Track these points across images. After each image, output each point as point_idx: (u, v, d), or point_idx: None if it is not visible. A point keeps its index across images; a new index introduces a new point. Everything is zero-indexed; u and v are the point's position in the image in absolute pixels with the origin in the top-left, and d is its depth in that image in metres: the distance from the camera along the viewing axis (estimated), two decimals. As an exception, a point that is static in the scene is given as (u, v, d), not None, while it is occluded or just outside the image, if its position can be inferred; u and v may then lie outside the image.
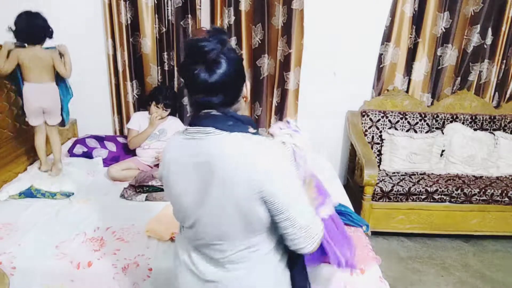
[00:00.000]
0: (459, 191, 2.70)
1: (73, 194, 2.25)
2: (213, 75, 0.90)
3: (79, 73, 3.03)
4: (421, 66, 3.07)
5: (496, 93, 3.18)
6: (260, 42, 2.97)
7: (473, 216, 2.75)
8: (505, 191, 2.71)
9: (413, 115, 3.06)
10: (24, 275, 1.68)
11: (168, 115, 2.76)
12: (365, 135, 3.06)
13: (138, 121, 2.72)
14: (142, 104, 3.06)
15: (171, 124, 2.77)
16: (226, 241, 0.99)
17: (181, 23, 2.93)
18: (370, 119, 3.07)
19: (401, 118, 3.06)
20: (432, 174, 2.93)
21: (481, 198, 2.72)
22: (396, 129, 3.05)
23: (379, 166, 2.98)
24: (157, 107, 2.65)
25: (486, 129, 3.07)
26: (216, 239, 0.99)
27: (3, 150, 2.33)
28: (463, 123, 3.06)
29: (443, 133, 3.03)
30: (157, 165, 2.67)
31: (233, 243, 0.99)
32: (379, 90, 3.18)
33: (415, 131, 3.05)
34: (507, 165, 2.95)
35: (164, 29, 2.91)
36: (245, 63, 3.04)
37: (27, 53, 2.22)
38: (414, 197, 2.71)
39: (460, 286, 2.42)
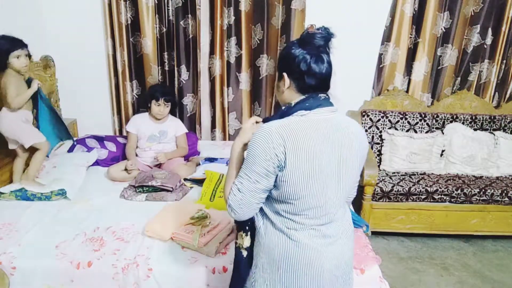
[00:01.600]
0: (459, 191, 2.70)
1: (65, 191, 2.24)
2: (331, 63, 1.12)
3: (79, 73, 3.05)
4: (421, 66, 3.07)
5: (496, 93, 3.18)
6: (259, 42, 2.98)
7: (473, 216, 2.75)
8: (505, 191, 2.71)
9: (413, 115, 3.06)
10: (24, 275, 1.68)
11: (169, 113, 2.75)
12: (365, 135, 3.06)
13: (136, 124, 2.69)
14: (142, 104, 3.07)
15: (171, 124, 2.76)
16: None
17: (181, 23, 2.93)
18: (370, 119, 3.07)
19: (401, 118, 3.06)
20: (432, 174, 2.93)
21: (481, 198, 2.71)
22: (396, 129, 3.05)
23: (379, 166, 2.98)
24: (158, 104, 2.64)
25: (486, 129, 3.07)
26: (344, 199, 1.20)
27: (3, 150, 2.33)
28: (463, 123, 3.06)
29: (443, 133, 3.03)
30: (157, 165, 2.67)
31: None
32: (379, 90, 3.18)
33: (415, 131, 3.05)
34: (507, 165, 2.95)
35: (165, 29, 2.91)
36: (244, 63, 3.05)
37: None
38: (414, 197, 2.71)
39: (460, 286, 2.42)
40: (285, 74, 1.12)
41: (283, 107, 1.15)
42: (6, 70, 2.15)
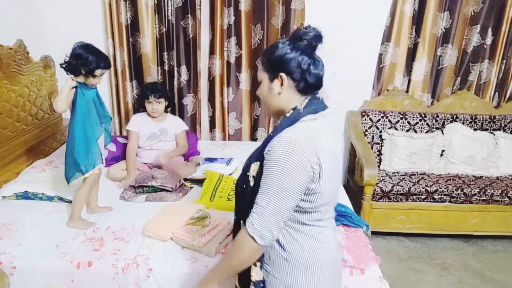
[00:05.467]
0: (459, 191, 2.70)
1: (71, 202, 2.23)
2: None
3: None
4: (421, 66, 3.07)
5: (496, 93, 3.18)
6: (259, 42, 2.98)
7: (473, 216, 2.75)
8: (505, 191, 2.71)
9: (413, 115, 3.06)
10: (24, 275, 1.68)
11: (166, 110, 2.74)
12: (365, 135, 3.06)
13: (137, 122, 2.69)
14: (141, 104, 3.06)
15: (171, 122, 2.74)
16: None
17: (181, 23, 2.93)
18: (370, 119, 3.06)
19: (401, 118, 3.06)
20: (432, 174, 2.93)
21: (481, 198, 2.71)
22: (396, 129, 3.05)
23: (379, 166, 2.98)
24: (150, 102, 2.61)
25: (486, 129, 3.07)
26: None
27: (3, 150, 2.33)
28: (463, 123, 3.06)
29: (443, 133, 3.03)
30: (157, 166, 2.66)
31: None
32: (379, 90, 3.18)
33: (415, 131, 3.05)
34: (507, 165, 2.95)
35: (164, 29, 2.91)
36: (244, 63, 3.05)
37: None
38: (414, 197, 2.71)
39: (460, 286, 2.41)
40: (283, 74, 1.06)
41: (289, 114, 1.08)
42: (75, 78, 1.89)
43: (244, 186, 1.10)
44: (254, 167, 1.07)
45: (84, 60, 1.86)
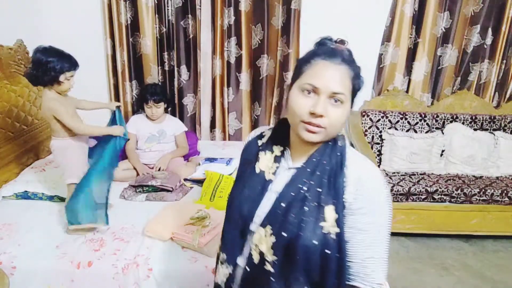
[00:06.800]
0: (459, 191, 2.70)
1: None
2: None
3: (78, 73, 3.04)
4: (421, 66, 3.07)
5: (496, 93, 3.18)
6: (260, 42, 2.98)
7: (473, 216, 2.75)
8: (505, 191, 2.71)
9: (413, 115, 3.06)
10: (24, 275, 1.68)
11: (166, 111, 2.74)
12: (365, 135, 3.06)
13: (136, 124, 2.68)
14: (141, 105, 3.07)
15: (170, 123, 2.73)
16: None
17: (181, 23, 2.93)
18: (370, 119, 3.07)
19: (401, 118, 3.06)
20: (432, 174, 2.93)
21: (481, 198, 2.71)
22: (396, 129, 3.05)
23: (379, 166, 2.98)
24: (149, 106, 2.60)
25: (486, 129, 3.07)
26: None
27: (3, 150, 2.33)
28: (463, 123, 3.06)
29: (443, 133, 3.03)
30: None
31: None
32: (379, 90, 3.18)
33: (415, 131, 3.05)
34: (507, 165, 2.95)
35: (164, 29, 2.91)
36: (244, 63, 3.05)
37: None
38: (414, 197, 2.71)
39: (460, 286, 2.41)
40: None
41: (340, 141, 0.93)
42: (46, 90, 1.80)
43: (317, 242, 0.85)
44: (330, 212, 0.87)
45: (44, 67, 1.70)
